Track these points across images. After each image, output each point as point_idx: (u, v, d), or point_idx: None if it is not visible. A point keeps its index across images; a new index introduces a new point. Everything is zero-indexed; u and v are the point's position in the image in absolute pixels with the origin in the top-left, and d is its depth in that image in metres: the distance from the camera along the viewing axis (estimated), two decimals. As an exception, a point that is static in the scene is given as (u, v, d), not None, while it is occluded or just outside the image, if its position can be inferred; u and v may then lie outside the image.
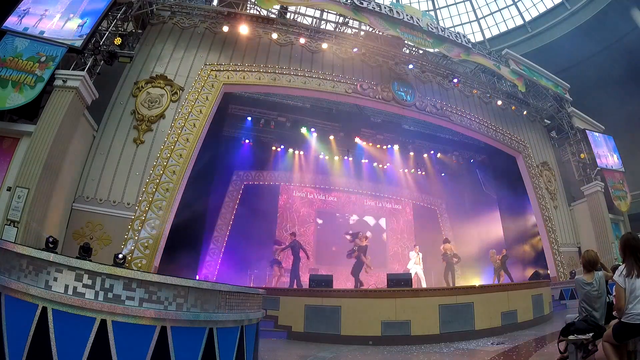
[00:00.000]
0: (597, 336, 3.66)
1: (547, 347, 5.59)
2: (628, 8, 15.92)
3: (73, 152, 8.03)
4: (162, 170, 8.86)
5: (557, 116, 15.33)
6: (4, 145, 7.42)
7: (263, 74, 10.77)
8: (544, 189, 14.16)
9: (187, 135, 9.36)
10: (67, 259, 2.80)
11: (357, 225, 15.32)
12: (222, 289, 3.42)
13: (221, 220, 13.51)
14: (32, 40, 7.87)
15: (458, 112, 13.31)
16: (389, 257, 15.83)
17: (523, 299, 8.06)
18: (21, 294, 2.64)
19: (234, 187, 14.22)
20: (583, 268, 4.05)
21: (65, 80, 7.72)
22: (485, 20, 20.86)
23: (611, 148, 15.28)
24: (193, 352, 3.02)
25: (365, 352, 6.07)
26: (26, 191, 6.80)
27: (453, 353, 5.79)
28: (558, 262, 13.21)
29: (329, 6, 11.35)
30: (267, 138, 14.56)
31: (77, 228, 8.03)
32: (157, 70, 9.84)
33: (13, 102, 7.23)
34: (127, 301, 2.80)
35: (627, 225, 14.43)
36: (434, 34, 12.16)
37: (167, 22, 10.61)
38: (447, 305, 6.91)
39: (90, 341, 2.63)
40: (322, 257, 14.47)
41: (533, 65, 14.44)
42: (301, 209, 15.22)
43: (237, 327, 3.53)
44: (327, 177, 15.70)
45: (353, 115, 13.96)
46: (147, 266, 8.09)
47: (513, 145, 14.21)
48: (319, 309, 7.19)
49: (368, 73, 12.37)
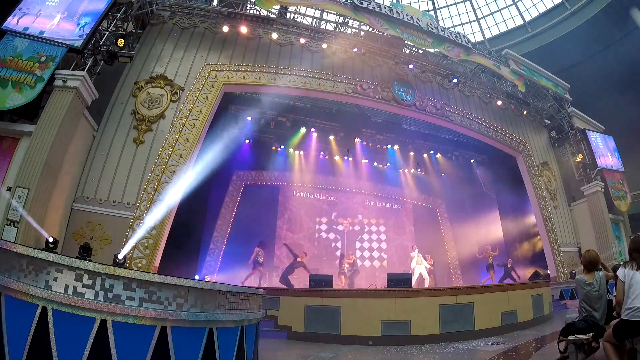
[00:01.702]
0: (597, 336, 3.66)
1: (547, 347, 5.58)
2: (628, 8, 15.92)
3: (73, 152, 8.03)
4: (162, 170, 8.87)
5: (557, 116, 15.33)
6: (4, 145, 7.42)
7: (263, 74, 10.77)
8: (544, 189, 14.16)
9: (187, 135, 9.36)
10: (67, 259, 2.79)
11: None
12: (222, 289, 3.42)
13: (221, 221, 13.50)
14: (32, 40, 7.87)
15: (458, 112, 13.32)
16: (389, 257, 15.82)
17: (523, 299, 8.05)
18: (21, 294, 2.64)
19: (234, 187, 14.22)
20: (584, 268, 4.05)
21: (65, 80, 7.72)
22: (485, 20, 20.86)
23: (611, 148, 15.27)
24: (193, 352, 3.02)
25: (365, 352, 6.07)
26: (26, 191, 6.80)
27: (453, 353, 5.78)
28: (558, 262, 13.20)
29: (329, 6, 11.36)
30: (267, 138, 14.56)
31: (77, 228, 8.04)
32: (157, 70, 9.84)
33: (13, 102, 7.23)
34: (127, 301, 2.79)
35: (627, 225, 14.44)
36: (434, 34, 12.16)
37: (167, 22, 10.61)
38: (447, 305, 6.90)
39: (90, 341, 2.62)
40: (322, 257, 14.46)
41: (533, 65, 14.44)
42: (301, 209, 15.22)
43: (237, 327, 3.52)
44: (327, 177, 15.69)
45: (353, 115, 13.95)
46: (147, 266, 8.09)
47: (513, 145, 14.21)
48: (319, 309, 7.19)
49: (368, 73, 12.37)
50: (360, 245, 15.52)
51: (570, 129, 15.06)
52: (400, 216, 17.02)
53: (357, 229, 15.70)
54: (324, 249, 14.83)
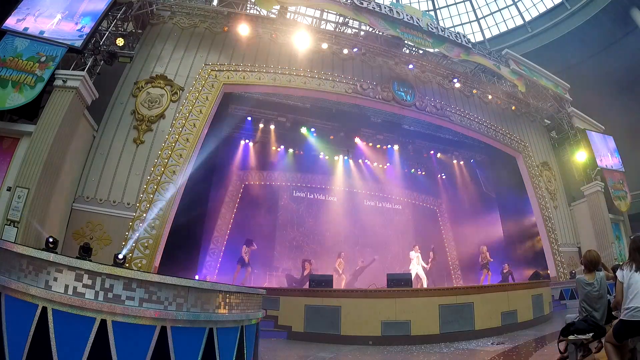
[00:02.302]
0: (597, 336, 3.66)
1: (547, 347, 5.58)
2: (628, 8, 15.91)
3: (73, 152, 8.03)
4: (162, 170, 8.86)
5: (557, 116, 15.33)
6: (4, 145, 7.42)
7: (263, 74, 10.77)
8: (544, 189, 14.16)
9: (187, 135, 9.36)
10: (67, 259, 2.79)
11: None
12: (222, 289, 3.42)
13: (221, 220, 13.49)
14: (32, 40, 7.87)
15: (458, 112, 13.31)
16: (388, 258, 15.80)
17: (523, 299, 8.06)
18: (21, 294, 2.63)
19: (234, 187, 14.21)
20: (584, 268, 4.05)
21: (65, 80, 7.73)
22: (485, 20, 20.86)
23: (611, 148, 15.28)
24: (193, 352, 3.02)
25: (365, 352, 6.07)
26: (26, 191, 6.80)
27: (453, 353, 5.78)
28: (558, 262, 13.21)
29: (329, 6, 11.36)
30: (267, 138, 14.55)
31: (77, 228, 8.04)
32: (157, 70, 9.84)
33: (13, 102, 7.23)
34: (127, 301, 2.79)
35: (627, 225, 14.44)
36: (434, 34, 12.16)
37: (167, 22, 10.61)
38: (447, 305, 6.91)
39: (90, 341, 2.62)
40: (321, 257, 14.44)
41: (533, 65, 14.45)
42: (301, 208, 15.21)
43: (237, 327, 3.52)
44: (327, 177, 15.69)
45: (353, 115, 13.94)
46: (147, 266, 8.09)
47: (513, 145, 14.21)
48: (319, 309, 7.19)
49: (368, 73, 12.37)
50: (361, 245, 15.50)
51: (570, 129, 15.06)
52: (400, 216, 17.01)
53: (357, 229, 15.68)
54: (323, 249, 14.82)
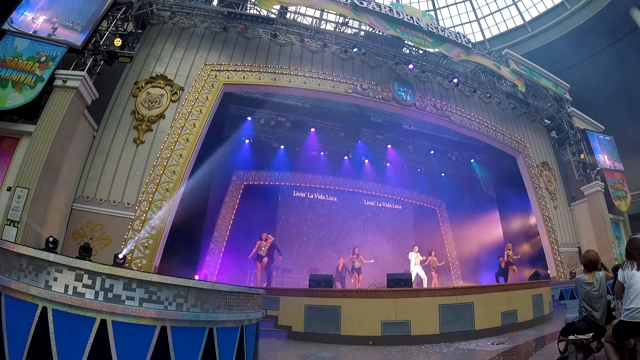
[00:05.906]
0: (597, 336, 3.65)
1: (547, 347, 5.58)
2: (628, 8, 15.91)
3: (73, 152, 8.03)
4: (162, 170, 8.87)
5: (557, 116, 15.33)
6: (4, 145, 7.42)
7: (263, 74, 10.77)
8: (544, 189, 14.16)
9: (187, 135, 9.36)
10: (67, 259, 2.79)
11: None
12: (222, 289, 3.42)
13: (221, 220, 13.50)
14: (32, 40, 7.86)
15: (458, 112, 13.32)
16: (389, 258, 15.80)
17: (523, 299, 8.05)
18: (21, 294, 2.64)
19: (234, 187, 14.21)
20: (584, 268, 4.05)
21: (65, 80, 7.72)
22: (485, 20, 20.84)
23: (611, 148, 15.27)
24: (193, 352, 3.02)
25: (365, 352, 6.06)
26: (26, 191, 6.79)
27: (453, 353, 5.78)
28: (558, 262, 13.20)
29: (329, 6, 11.36)
30: (267, 138, 14.56)
31: (77, 228, 8.03)
32: (157, 70, 9.84)
33: (13, 102, 7.22)
34: (127, 301, 2.79)
35: (627, 225, 14.44)
36: (434, 34, 12.17)
37: (167, 22, 10.61)
38: (447, 305, 6.90)
39: (90, 341, 2.62)
40: (322, 256, 14.45)
41: (533, 65, 14.45)
42: (301, 208, 15.21)
43: (237, 327, 3.52)
44: (327, 177, 15.69)
45: (353, 115, 13.95)
46: (147, 266, 8.09)
47: (513, 145, 14.21)
48: (319, 309, 7.19)
49: (368, 73, 12.37)
50: (361, 245, 15.48)
51: (570, 129, 15.06)
52: (400, 216, 17.01)
53: (357, 229, 15.68)
54: (323, 248, 14.81)
